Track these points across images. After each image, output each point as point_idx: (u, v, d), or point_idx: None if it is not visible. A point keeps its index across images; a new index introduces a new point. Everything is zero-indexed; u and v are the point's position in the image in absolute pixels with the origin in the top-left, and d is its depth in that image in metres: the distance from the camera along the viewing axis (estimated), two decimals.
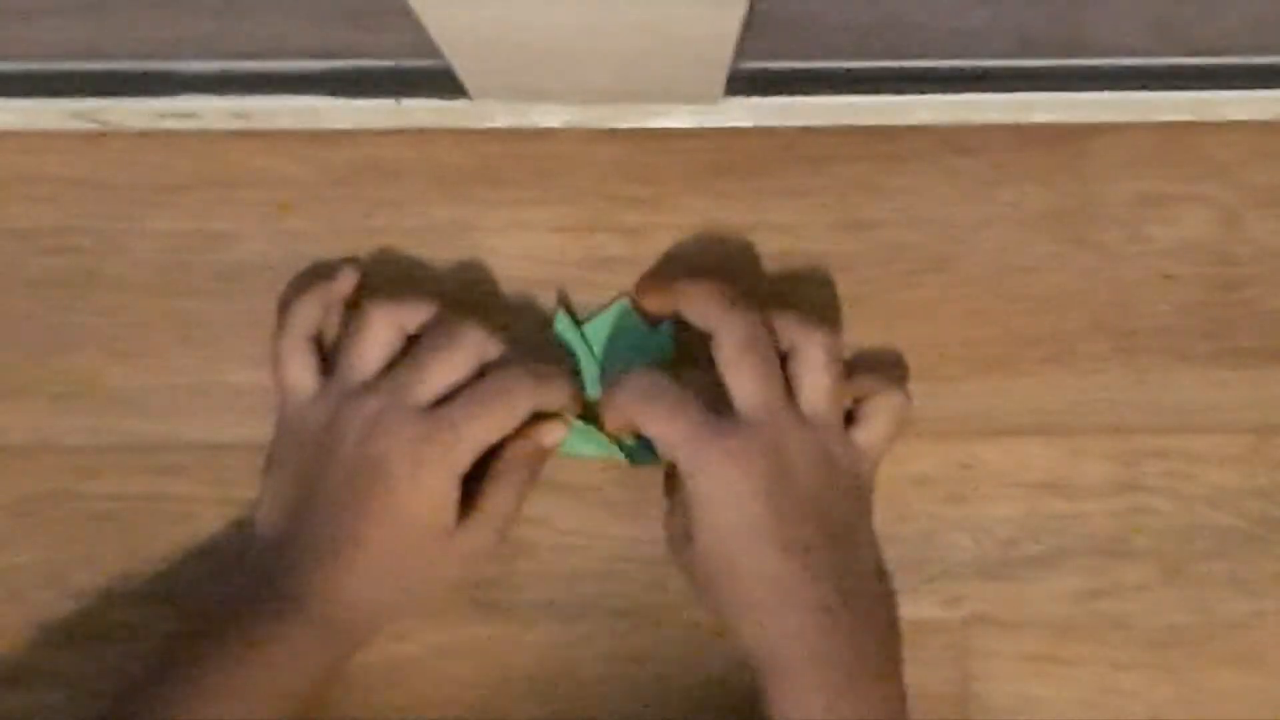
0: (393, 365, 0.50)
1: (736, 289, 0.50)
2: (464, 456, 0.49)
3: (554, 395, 0.51)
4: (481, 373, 0.50)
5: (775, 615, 0.46)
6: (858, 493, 0.50)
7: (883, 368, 0.54)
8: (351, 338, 0.51)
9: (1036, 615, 0.53)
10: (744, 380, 0.48)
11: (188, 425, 0.54)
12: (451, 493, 0.49)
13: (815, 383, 0.48)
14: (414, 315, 0.51)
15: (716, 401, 0.48)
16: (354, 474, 0.48)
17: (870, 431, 0.50)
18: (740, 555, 0.47)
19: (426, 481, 0.48)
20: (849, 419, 0.50)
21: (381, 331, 0.50)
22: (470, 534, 0.50)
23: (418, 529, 0.49)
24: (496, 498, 0.50)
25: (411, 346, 0.51)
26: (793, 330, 0.49)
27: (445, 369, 0.49)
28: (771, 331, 0.49)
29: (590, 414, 0.53)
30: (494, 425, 0.49)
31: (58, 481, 0.54)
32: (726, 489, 0.46)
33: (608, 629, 0.53)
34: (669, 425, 0.47)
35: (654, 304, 0.54)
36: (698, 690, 0.53)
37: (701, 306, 0.50)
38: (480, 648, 0.53)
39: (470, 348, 0.50)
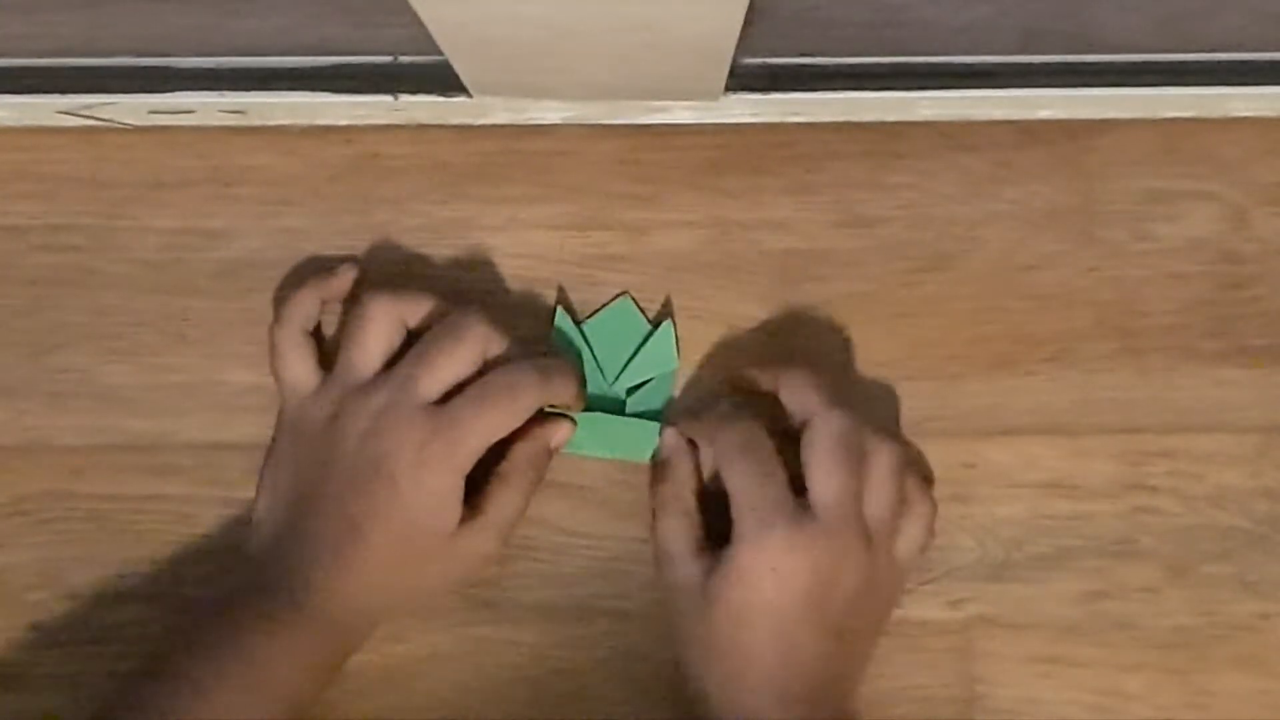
0: (394, 360, 0.50)
1: (832, 386, 0.50)
2: (468, 455, 0.48)
3: (560, 391, 0.51)
4: (484, 367, 0.50)
5: (756, 701, 0.47)
6: (879, 616, 0.50)
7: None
8: (352, 332, 0.50)
9: (1041, 617, 0.53)
10: (829, 478, 0.47)
11: (184, 425, 0.54)
12: (454, 492, 0.48)
13: (882, 492, 0.48)
14: (415, 309, 0.51)
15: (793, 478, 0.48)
16: (356, 472, 0.48)
17: (908, 542, 0.49)
18: (754, 637, 0.47)
19: (430, 481, 0.48)
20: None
21: (382, 325, 0.50)
22: (473, 535, 0.49)
23: (420, 528, 0.48)
24: (501, 499, 0.50)
25: (412, 341, 0.50)
26: (869, 436, 0.48)
27: (449, 364, 0.49)
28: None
29: (588, 410, 0.53)
30: (499, 423, 0.49)
31: (53, 481, 0.53)
32: (774, 576, 0.46)
33: (606, 629, 0.53)
34: (752, 488, 0.47)
35: (749, 382, 0.52)
36: None
37: (802, 395, 0.49)
38: (479, 648, 0.53)
39: (474, 342, 0.49)
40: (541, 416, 0.51)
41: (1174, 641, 0.53)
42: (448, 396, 0.49)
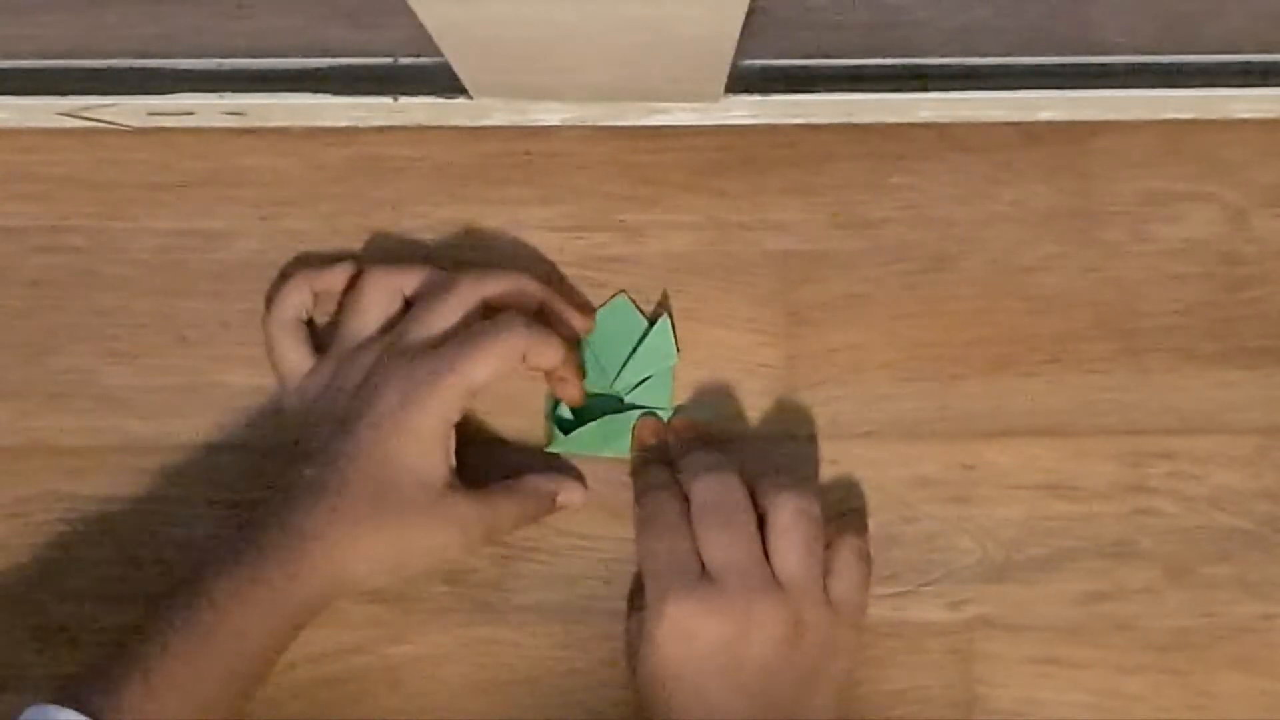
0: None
1: (720, 454, 0.50)
2: (454, 396, 0.48)
3: (546, 351, 0.50)
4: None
5: None
6: (823, 666, 0.48)
7: (838, 516, 0.53)
8: (349, 303, 0.51)
9: (1041, 618, 0.53)
10: (710, 542, 0.47)
11: (183, 426, 0.54)
12: (439, 437, 0.48)
13: (784, 547, 0.47)
14: (410, 279, 0.51)
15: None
16: (345, 418, 0.48)
17: (841, 582, 0.48)
18: (671, 700, 0.47)
19: (413, 419, 0.47)
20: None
21: (379, 294, 0.51)
22: (462, 502, 0.49)
23: (403, 471, 0.48)
24: (500, 499, 0.50)
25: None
26: (767, 493, 0.48)
27: (439, 313, 0.49)
28: (753, 491, 0.49)
29: (591, 409, 0.53)
30: (484, 364, 0.48)
31: (51, 483, 0.53)
32: (680, 642, 0.46)
33: (606, 631, 0.53)
34: (654, 557, 0.48)
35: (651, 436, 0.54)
36: None
37: (682, 467, 0.50)
38: (479, 649, 0.53)
39: (463, 293, 0.50)
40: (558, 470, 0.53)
41: (1174, 642, 0.53)
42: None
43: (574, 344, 0.53)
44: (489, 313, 0.51)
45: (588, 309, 0.54)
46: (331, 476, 0.47)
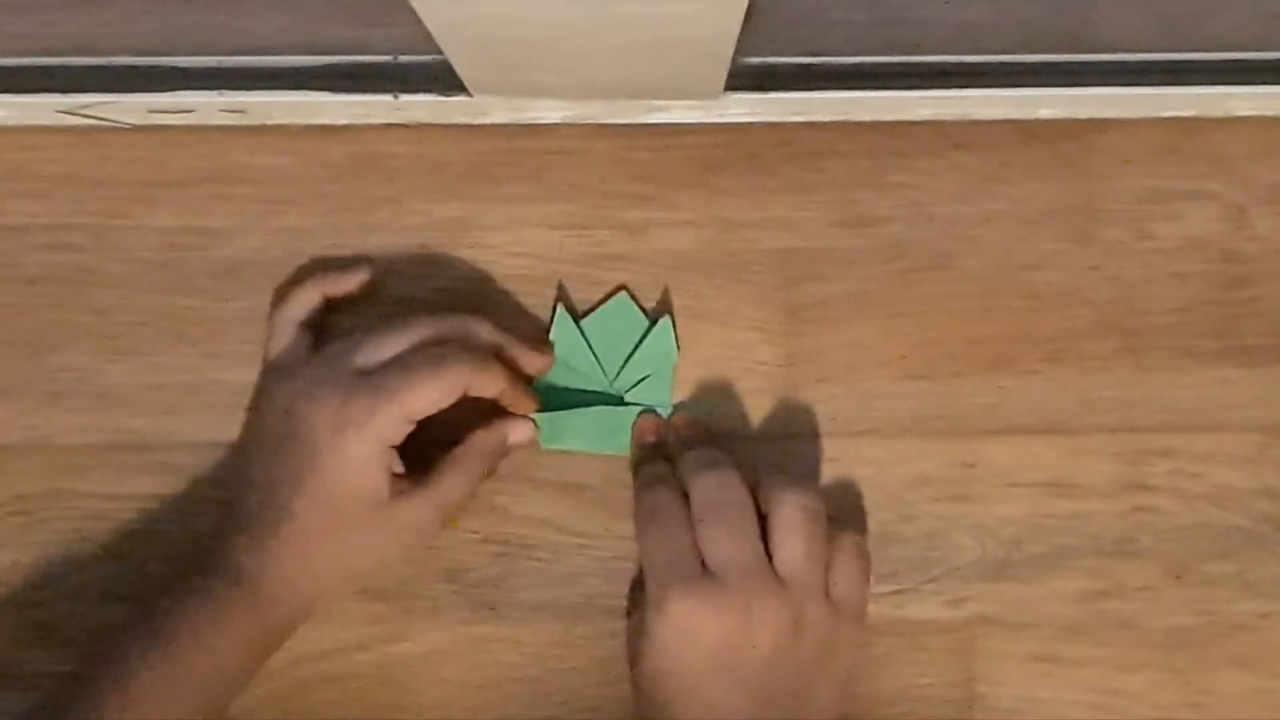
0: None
1: (720, 451, 0.50)
2: (389, 423, 0.47)
3: (488, 381, 0.50)
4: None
5: None
6: (824, 663, 0.48)
7: (838, 514, 0.52)
8: (373, 328, 0.50)
9: (1041, 616, 0.53)
10: (710, 538, 0.47)
11: (183, 424, 0.54)
12: (376, 460, 0.48)
13: (787, 544, 0.47)
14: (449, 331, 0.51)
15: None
16: (282, 441, 0.48)
17: (843, 579, 0.48)
18: (669, 698, 0.46)
19: (348, 446, 0.47)
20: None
21: (400, 339, 0.50)
22: (409, 506, 0.49)
23: (343, 496, 0.48)
24: (446, 478, 0.50)
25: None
26: (769, 490, 0.48)
27: (383, 346, 0.49)
28: (754, 490, 0.49)
29: (590, 407, 0.53)
30: (422, 394, 0.48)
31: (51, 481, 0.53)
32: (680, 639, 0.46)
33: (606, 629, 0.53)
34: (654, 554, 0.47)
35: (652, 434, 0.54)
36: None
37: (681, 464, 0.50)
38: (478, 648, 0.53)
39: (414, 331, 0.49)
40: (507, 412, 0.52)
41: (1174, 641, 0.53)
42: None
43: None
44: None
45: (544, 347, 0.53)
46: (273, 507, 0.48)
